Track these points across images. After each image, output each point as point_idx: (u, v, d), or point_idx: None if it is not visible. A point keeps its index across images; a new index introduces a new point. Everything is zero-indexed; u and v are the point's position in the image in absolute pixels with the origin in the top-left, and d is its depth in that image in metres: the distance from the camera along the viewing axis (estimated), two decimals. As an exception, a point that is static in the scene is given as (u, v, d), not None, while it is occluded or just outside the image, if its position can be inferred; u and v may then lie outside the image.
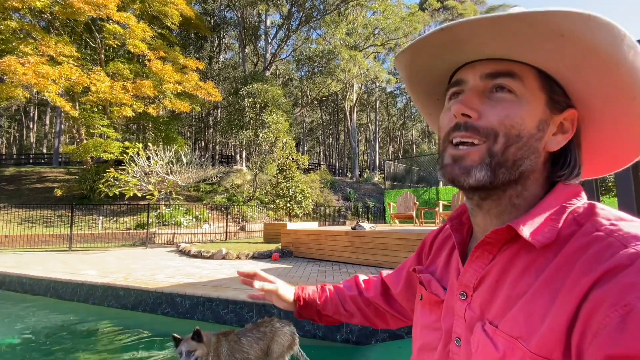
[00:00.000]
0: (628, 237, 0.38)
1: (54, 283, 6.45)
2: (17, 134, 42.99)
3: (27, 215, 15.28)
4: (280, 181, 15.29)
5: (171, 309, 5.11)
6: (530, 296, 0.42)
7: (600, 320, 0.34)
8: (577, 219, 0.45)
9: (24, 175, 22.51)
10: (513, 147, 0.47)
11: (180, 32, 27.50)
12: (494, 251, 0.50)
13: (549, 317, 0.39)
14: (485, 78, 0.49)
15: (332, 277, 6.05)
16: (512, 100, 0.48)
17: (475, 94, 0.49)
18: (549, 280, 0.41)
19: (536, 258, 0.44)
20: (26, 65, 14.17)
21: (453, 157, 0.50)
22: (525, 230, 0.44)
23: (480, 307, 0.49)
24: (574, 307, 0.37)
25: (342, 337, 4.00)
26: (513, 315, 0.43)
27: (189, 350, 2.39)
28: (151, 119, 20.76)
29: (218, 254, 9.03)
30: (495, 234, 0.48)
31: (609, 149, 0.54)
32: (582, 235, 0.42)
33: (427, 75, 0.57)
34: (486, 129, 0.47)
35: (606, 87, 0.47)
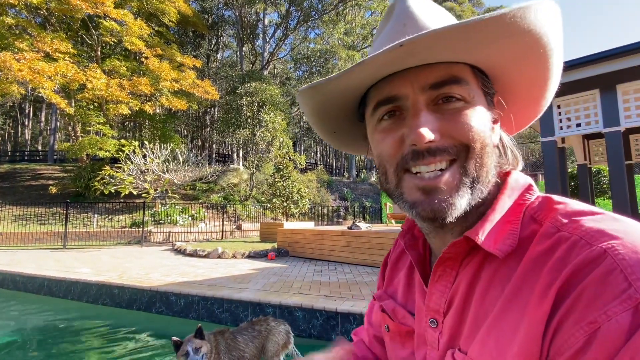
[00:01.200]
0: (592, 233, 0.34)
1: (47, 281, 6.40)
2: (12, 131, 42.62)
3: (22, 212, 15.16)
4: (277, 180, 15.28)
5: (166, 307, 5.08)
6: (497, 313, 0.37)
7: (566, 339, 0.31)
8: (534, 217, 0.41)
9: (19, 172, 22.32)
10: (485, 158, 0.42)
11: (178, 30, 27.43)
12: (456, 267, 0.45)
13: (518, 336, 0.34)
14: (428, 89, 0.42)
15: (328, 276, 6.05)
16: (467, 108, 0.42)
17: (427, 112, 0.42)
18: (515, 292, 0.37)
19: (500, 268, 0.40)
20: (22, 62, 14.06)
21: (422, 189, 0.42)
22: (485, 240, 0.40)
23: (450, 332, 0.44)
24: (543, 323, 0.33)
25: (337, 336, 3.99)
26: (481, 338, 0.38)
27: (196, 347, 2.37)
28: (147, 117, 20.67)
29: (214, 253, 9.00)
30: (453, 247, 0.43)
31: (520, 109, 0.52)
32: (544, 236, 0.37)
33: (340, 96, 0.49)
34: (454, 146, 0.42)
35: (535, 70, 0.45)
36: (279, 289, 5.06)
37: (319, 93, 0.48)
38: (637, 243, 0.32)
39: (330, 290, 4.95)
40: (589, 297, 0.31)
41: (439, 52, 0.40)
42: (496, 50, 0.41)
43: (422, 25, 0.44)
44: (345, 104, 0.51)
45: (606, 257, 0.31)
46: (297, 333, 3.88)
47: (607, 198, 14.07)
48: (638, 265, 0.30)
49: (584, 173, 7.15)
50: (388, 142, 0.45)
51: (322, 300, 4.34)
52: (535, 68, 0.44)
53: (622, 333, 0.28)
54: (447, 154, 0.41)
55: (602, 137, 6.15)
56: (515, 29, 0.37)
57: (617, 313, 0.29)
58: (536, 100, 0.50)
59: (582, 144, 7.14)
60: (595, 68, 4.35)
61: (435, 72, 0.42)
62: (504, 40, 0.39)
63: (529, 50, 0.41)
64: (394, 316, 0.56)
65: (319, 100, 0.49)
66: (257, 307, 4.47)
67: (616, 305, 0.29)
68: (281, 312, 4.32)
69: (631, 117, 4.29)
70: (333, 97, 0.49)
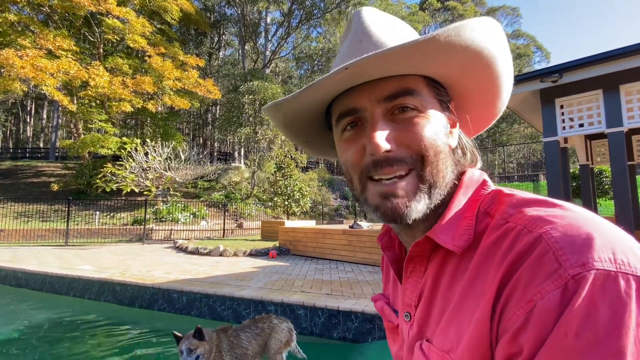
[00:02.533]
0: (532, 220, 0.36)
1: (49, 278, 6.43)
2: (13, 128, 42.69)
3: (23, 209, 15.20)
4: (278, 179, 15.29)
5: (168, 305, 5.10)
6: (456, 303, 0.40)
7: (509, 318, 0.33)
8: (487, 211, 0.43)
9: (21, 169, 22.38)
10: (440, 164, 0.45)
11: (180, 28, 27.39)
12: (424, 262, 0.48)
13: (472, 322, 0.37)
14: (383, 101, 0.45)
15: (330, 275, 6.06)
16: (420, 117, 0.45)
17: (384, 122, 0.45)
18: (470, 282, 0.39)
19: (460, 261, 0.42)
20: (24, 59, 14.07)
21: (382, 194, 0.45)
22: (444, 238, 0.43)
23: (419, 324, 0.47)
24: (490, 307, 0.35)
25: (338, 334, 4.01)
26: (443, 327, 0.41)
27: (189, 348, 2.39)
28: (149, 115, 20.67)
29: (215, 251, 9.02)
30: (417, 246, 0.46)
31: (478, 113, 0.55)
32: (494, 228, 0.40)
33: (304, 111, 0.52)
34: (411, 157, 0.44)
35: (484, 78, 0.48)
36: (280, 287, 5.07)
37: (281, 110, 0.51)
38: (569, 225, 0.34)
39: (332, 288, 4.97)
40: (527, 279, 0.33)
41: (385, 70, 0.43)
42: (440, 64, 0.44)
43: (377, 41, 0.47)
44: (311, 117, 0.54)
45: (541, 241, 0.34)
46: (299, 331, 3.89)
47: (608, 199, 14.03)
48: (568, 246, 0.32)
49: (585, 173, 7.14)
50: (351, 152, 0.48)
51: (324, 299, 4.35)
52: (483, 76, 0.48)
53: (554, 309, 0.30)
54: (404, 164, 0.44)
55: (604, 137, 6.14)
56: (453, 46, 0.41)
57: (549, 291, 0.31)
58: (491, 105, 0.53)
59: (584, 145, 7.13)
60: (598, 68, 4.34)
61: (389, 85, 0.45)
62: (444, 55, 0.42)
63: (473, 62, 0.45)
64: (383, 314, 0.60)
65: (284, 115, 0.53)
66: (259, 305, 4.49)
67: (549, 284, 0.31)
68: (283, 310, 4.33)
69: (634, 118, 4.28)
70: (297, 112, 0.52)
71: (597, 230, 0.33)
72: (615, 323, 0.28)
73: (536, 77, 4.72)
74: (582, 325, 0.29)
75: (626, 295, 0.29)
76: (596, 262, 0.31)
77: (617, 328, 0.28)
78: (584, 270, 0.30)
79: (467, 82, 0.49)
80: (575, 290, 0.30)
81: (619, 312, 0.29)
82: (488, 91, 0.50)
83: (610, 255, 0.31)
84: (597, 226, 0.34)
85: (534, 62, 45.45)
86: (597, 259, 0.31)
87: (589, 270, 0.30)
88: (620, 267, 0.30)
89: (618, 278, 0.30)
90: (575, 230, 0.34)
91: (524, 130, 31.93)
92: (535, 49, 46.70)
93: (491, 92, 0.50)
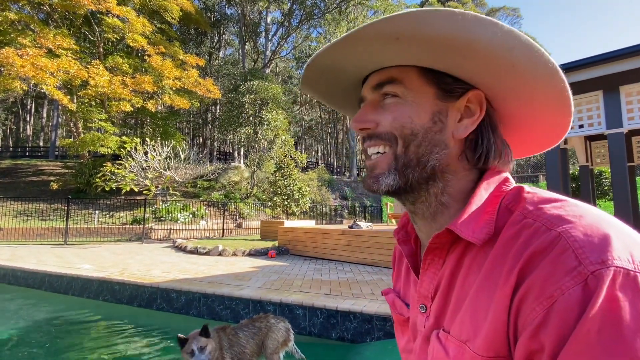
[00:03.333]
0: (552, 219, 0.37)
1: (48, 276, 6.42)
2: (13, 127, 42.68)
3: (23, 208, 15.19)
4: (278, 179, 15.28)
5: (166, 304, 5.10)
6: (474, 294, 0.41)
7: (527, 314, 0.34)
8: (508, 207, 0.44)
9: (20, 168, 22.37)
10: (412, 146, 0.48)
11: (180, 27, 27.39)
12: (443, 255, 0.49)
13: (489, 314, 0.38)
14: (374, 90, 0.52)
15: (329, 275, 6.06)
16: (398, 103, 0.49)
17: (370, 106, 0.52)
18: (487, 274, 0.40)
19: (478, 253, 0.43)
20: (24, 58, 14.06)
21: (368, 168, 0.52)
22: (464, 230, 0.44)
23: (435, 315, 0.48)
24: (508, 300, 0.36)
25: (337, 334, 4.00)
26: (461, 318, 0.42)
27: (201, 346, 2.37)
28: (149, 114, 20.66)
29: (214, 251, 9.02)
30: (437, 238, 0.47)
31: (532, 125, 0.54)
32: (512, 224, 0.41)
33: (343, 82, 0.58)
34: (386, 134, 0.49)
35: (487, 70, 0.46)
36: (279, 286, 5.07)
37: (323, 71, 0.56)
38: (588, 226, 0.35)
39: (331, 288, 4.96)
40: (545, 275, 0.34)
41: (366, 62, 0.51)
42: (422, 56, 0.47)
43: None
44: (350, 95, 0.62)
45: (560, 239, 0.35)
46: (297, 331, 3.88)
47: (608, 200, 14.04)
48: (588, 245, 0.33)
49: (585, 174, 7.14)
50: None
51: (323, 299, 4.34)
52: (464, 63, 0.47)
53: (575, 305, 0.31)
54: (381, 140, 0.50)
55: (604, 138, 6.14)
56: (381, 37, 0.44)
57: (570, 287, 0.32)
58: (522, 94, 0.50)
59: (584, 146, 7.12)
60: (598, 69, 4.34)
61: (379, 76, 0.51)
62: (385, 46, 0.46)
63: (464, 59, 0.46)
64: (394, 307, 0.61)
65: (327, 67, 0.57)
66: (257, 305, 4.48)
67: (568, 281, 0.32)
68: (281, 309, 4.33)
69: (634, 119, 4.27)
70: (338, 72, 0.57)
71: (614, 230, 0.34)
72: (637, 321, 0.29)
73: (536, 77, 4.71)
74: (604, 322, 0.29)
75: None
76: (615, 261, 0.31)
77: (638, 326, 0.29)
78: (604, 267, 0.31)
79: (458, 70, 0.48)
80: (596, 286, 0.30)
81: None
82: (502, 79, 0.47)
83: (629, 255, 0.32)
84: (614, 227, 0.35)
85: (534, 63, 45.52)
86: (617, 258, 0.31)
87: (609, 267, 0.31)
88: (638, 266, 0.31)
89: (637, 277, 0.31)
90: (594, 230, 0.34)
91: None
92: (535, 50, 46.73)
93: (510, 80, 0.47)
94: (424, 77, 0.49)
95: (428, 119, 0.49)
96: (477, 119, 0.49)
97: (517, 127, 0.55)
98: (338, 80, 0.57)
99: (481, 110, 0.50)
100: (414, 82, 0.49)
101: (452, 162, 0.49)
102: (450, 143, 0.49)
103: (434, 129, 0.48)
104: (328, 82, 0.57)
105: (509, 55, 0.43)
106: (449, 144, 0.49)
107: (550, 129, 0.53)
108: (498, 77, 0.47)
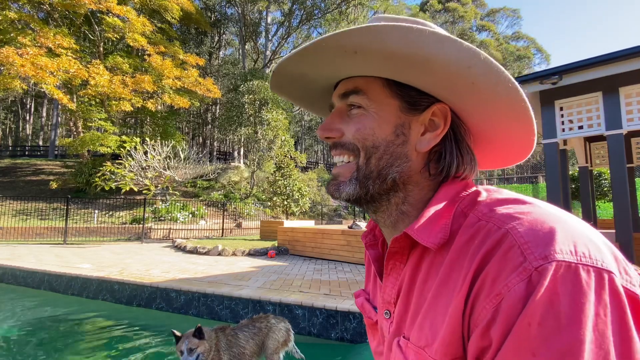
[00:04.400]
0: (503, 218, 0.38)
1: (47, 276, 6.41)
2: (13, 126, 42.63)
3: (22, 207, 15.17)
4: (277, 179, 15.28)
5: (166, 304, 5.10)
6: (431, 299, 0.41)
7: (479, 312, 0.35)
8: (463, 211, 0.44)
9: (19, 167, 22.35)
10: (373, 159, 0.49)
11: (181, 27, 27.36)
12: (404, 260, 0.49)
13: (446, 318, 0.38)
14: (341, 99, 0.52)
15: (328, 275, 6.06)
16: (362, 114, 0.50)
17: (337, 115, 0.52)
18: (444, 279, 0.40)
19: (435, 258, 0.44)
20: (24, 57, 14.04)
21: (333, 174, 0.53)
22: (420, 234, 0.44)
23: (397, 321, 0.48)
24: (462, 303, 0.37)
25: (336, 335, 4.01)
26: (419, 323, 0.43)
27: (190, 347, 2.38)
28: (149, 114, 20.64)
29: (214, 250, 9.01)
30: (396, 242, 0.47)
31: (498, 141, 0.53)
32: (467, 227, 0.41)
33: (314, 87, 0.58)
34: (349, 144, 0.50)
35: (447, 86, 0.46)
36: (279, 286, 5.07)
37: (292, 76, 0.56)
38: (534, 221, 0.36)
39: (330, 288, 4.96)
40: (495, 273, 0.34)
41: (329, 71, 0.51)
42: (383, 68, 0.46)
43: None
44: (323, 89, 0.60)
45: (508, 237, 0.35)
46: (297, 331, 3.89)
47: (607, 201, 14.06)
48: (533, 240, 0.34)
49: (585, 175, 7.15)
50: None
51: (322, 299, 4.35)
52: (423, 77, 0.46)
53: (519, 301, 0.32)
54: (345, 149, 0.51)
55: (603, 139, 6.14)
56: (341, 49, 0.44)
57: (515, 284, 0.32)
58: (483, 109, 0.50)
59: (583, 147, 7.13)
60: (598, 70, 4.35)
61: (345, 84, 0.51)
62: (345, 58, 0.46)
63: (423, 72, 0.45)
64: (363, 310, 0.62)
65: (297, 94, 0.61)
66: (257, 305, 4.48)
67: (514, 277, 0.33)
68: (281, 309, 4.33)
69: (633, 120, 4.28)
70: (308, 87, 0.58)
71: (560, 224, 0.35)
72: (576, 312, 0.30)
73: (536, 79, 4.73)
74: (544, 315, 0.30)
75: (586, 285, 0.31)
76: (557, 254, 0.32)
77: (577, 317, 0.29)
78: (546, 262, 0.32)
79: (419, 83, 0.48)
80: (538, 281, 0.31)
81: (579, 302, 0.30)
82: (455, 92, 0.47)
83: (572, 247, 0.32)
84: (560, 220, 0.36)
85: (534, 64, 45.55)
86: (559, 251, 0.32)
87: (551, 262, 0.32)
88: (581, 258, 0.32)
89: (579, 269, 0.31)
90: (539, 224, 0.35)
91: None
92: (535, 51, 46.79)
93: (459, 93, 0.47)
94: (388, 88, 0.49)
95: (390, 132, 0.49)
96: (441, 133, 0.49)
97: (484, 141, 0.55)
98: (309, 86, 0.57)
99: (445, 125, 0.49)
100: (378, 93, 0.49)
101: (413, 174, 0.49)
102: (412, 156, 0.49)
103: (396, 142, 0.49)
104: (300, 87, 0.57)
105: (467, 73, 0.43)
106: (410, 156, 0.49)
107: (516, 144, 0.53)
108: (459, 93, 0.47)
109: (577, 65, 4.42)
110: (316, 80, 0.55)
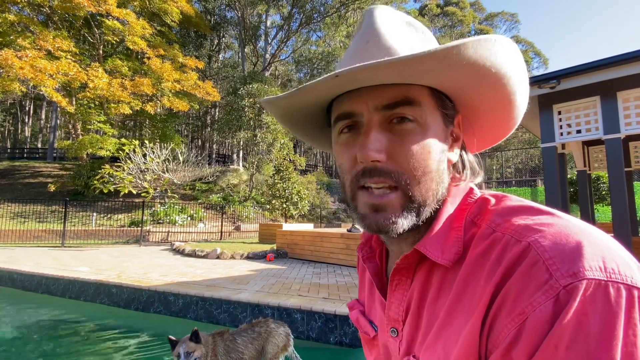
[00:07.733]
0: (521, 230, 0.36)
1: (45, 279, 6.38)
2: (11, 128, 42.56)
3: (20, 210, 15.11)
4: (276, 182, 15.27)
5: (164, 307, 5.07)
6: (443, 318, 0.39)
7: (500, 331, 0.33)
8: (474, 220, 0.42)
9: (18, 169, 22.28)
10: (429, 183, 0.43)
11: (180, 30, 27.44)
12: (410, 275, 0.46)
13: (461, 337, 0.36)
14: (382, 109, 0.43)
15: (327, 279, 6.04)
16: (417, 132, 0.43)
17: (379, 131, 0.43)
18: (458, 296, 0.38)
19: (447, 272, 0.41)
20: (23, 59, 14.04)
21: (371, 206, 0.44)
22: (433, 251, 0.42)
23: (407, 339, 0.45)
24: (480, 321, 0.35)
25: (335, 339, 3.99)
26: (430, 343, 0.40)
27: (187, 351, 2.37)
28: (148, 116, 20.64)
29: (212, 254, 8.99)
30: (406, 259, 0.45)
31: (486, 128, 0.53)
32: (481, 238, 0.39)
33: (304, 107, 0.50)
34: (398, 172, 0.42)
35: (493, 96, 0.46)
36: (277, 290, 5.05)
37: (278, 106, 0.49)
38: (557, 234, 0.33)
39: (329, 292, 4.95)
40: (517, 291, 0.32)
41: (385, 78, 0.40)
42: (444, 78, 0.42)
43: (384, 45, 0.44)
44: (311, 113, 0.52)
45: (530, 251, 0.33)
46: (295, 335, 3.87)
47: (606, 204, 14.08)
48: (559, 255, 0.32)
49: (583, 179, 7.16)
50: (346, 157, 0.46)
51: (321, 303, 4.33)
52: (492, 94, 0.45)
53: (546, 321, 0.30)
54: (390, 178, 0.42)
55: (601, 143, 6.16)
56: (455, 62, 0.38)
57: (541, 303, 0.30)
58: (501, 122, 0.51)
59: (581, 151, 7.15)
60: (596, 75, 4.37)
61: (389, 93, 0.42)
62: (446, 71, 0.40)
63: (479, 79, 0.42)
64: (358, 325, 0.59)
65: (282, 112, 0.51)
66: (255, 309, 4.46)
67: (540, 296, 0.31)
68: (280, 313, 4.31)
69: (631, 125, 4.30)
70: (295, 108, 0.50)
71: (586, 238, 0.33)
72: (606, 334, 0.28)
73: (534, 83, 4.74)
74: (572, 338, 0.28)
75: (616, 304, 0.29)
76: (587, 272, 0.30)
77: (607, 339, 0.28)
78: (576, 280, 0.30)
79: (474, 98, 0.46)
80: (567, 301, 0.29)
81: (609, 323, 0.28)
82: (497, 109, 0.48)
83: (601, 263, 0.31)
84: (586, 234, 0.33)
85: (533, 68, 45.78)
86: (588, 268, 0.30)
87: (581, 280, 0.30)
88: (611, 275, 0.30)
89: (608, 287, 0.29)
90: (564, 238, 0.33)
91: (522, 135, 32.07)
92: (533, 55, 47.02)
93: (500, 109, 0.48)
94: (433, 98, 0.45)
95: (440, 148, 0.45)
96: (460, 142, 0.49)
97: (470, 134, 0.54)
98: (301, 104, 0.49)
99: (461, 134, 0.49)
100: (429, 104, 0.44)
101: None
102: (449, 170, 0.47)
103: (442, 157, 0.45)
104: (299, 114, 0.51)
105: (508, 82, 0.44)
106: (449, 171, 0.47)
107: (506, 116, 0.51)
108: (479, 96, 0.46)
109: (575, 69, 4.44)
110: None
